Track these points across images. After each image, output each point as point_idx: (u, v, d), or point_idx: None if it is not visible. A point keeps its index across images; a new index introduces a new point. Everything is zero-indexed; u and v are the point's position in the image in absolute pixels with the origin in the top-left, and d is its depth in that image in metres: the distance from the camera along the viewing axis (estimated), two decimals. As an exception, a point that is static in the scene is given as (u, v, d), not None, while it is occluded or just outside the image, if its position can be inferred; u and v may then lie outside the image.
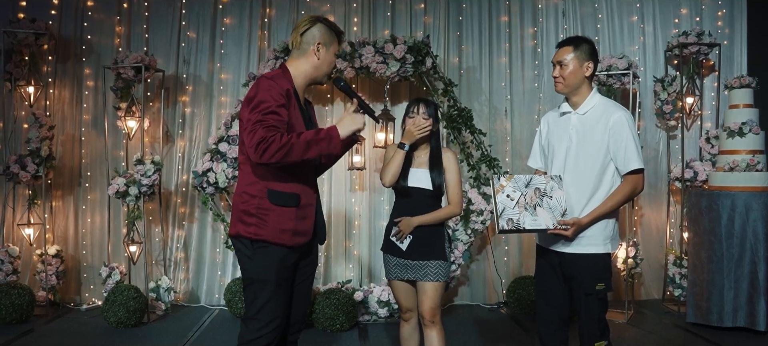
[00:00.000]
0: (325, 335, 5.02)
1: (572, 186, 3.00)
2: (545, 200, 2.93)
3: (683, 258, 5.67)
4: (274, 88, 2.62)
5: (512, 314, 5.62)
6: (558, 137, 3.11)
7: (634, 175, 2.95)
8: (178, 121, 5.97)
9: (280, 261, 2.71)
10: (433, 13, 6.10)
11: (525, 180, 2.96)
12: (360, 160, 5.62)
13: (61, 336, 4.89)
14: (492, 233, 5.96)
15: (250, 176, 2.72)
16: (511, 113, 6.12)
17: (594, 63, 3.03)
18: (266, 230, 2.68)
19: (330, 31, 2.83)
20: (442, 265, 3.34)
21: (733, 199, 4.90)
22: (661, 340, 4.85)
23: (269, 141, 2.51)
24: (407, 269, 3.37)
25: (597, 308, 2.99)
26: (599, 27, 6.22)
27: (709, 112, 6.17)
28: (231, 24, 6.02)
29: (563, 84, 3.04)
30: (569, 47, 3.03)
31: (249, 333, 2.69)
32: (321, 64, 2.82)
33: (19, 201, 5.74)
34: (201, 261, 5.96)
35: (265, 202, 2.69)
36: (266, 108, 2.58)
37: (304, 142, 2.57)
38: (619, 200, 2.96)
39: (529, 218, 2.91)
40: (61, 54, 5.90)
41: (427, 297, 3.33)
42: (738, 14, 6.25)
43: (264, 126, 2.55)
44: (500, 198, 2.92)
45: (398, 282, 3.43)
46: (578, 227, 2.93)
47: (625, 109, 3.02)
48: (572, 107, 3.08)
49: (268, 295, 2.69)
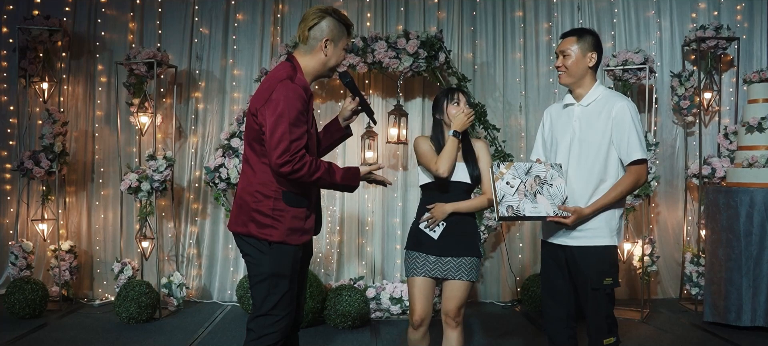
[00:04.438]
0: (336, 331, 4.99)
1: (576, 177, 2.98)
2: (545, 188, 2.91)
3: (700, 256, 5.59)
4: (300, 94, 2.60)
5: (526, 312, 5.56)
6: (561, 129, 3.10)
7: (637, 165, 2.92)
8: (191, 117, 5.98)
9: (293, 257, 2.72)
10: (446, 7, 6.05)
11: (525, 168, 2.94)
12: (372, 156, 5.59)
13: (74, 331, 4.90)
14: (506, 229, 5.91)
15: (262, 176, 2.69)
16: (525, 109, 6.06)
17: (598, 54, 3.03)
18: (281, 231, 2.68)
19: (339, 25, 2.77)
20: (475, 262, 3.23)
21: (751, 195, 4.81)
22: (678, 339, 4.77)
23: (300, 163, 2.56)
24: (437, 266, 3.20)
25: (605, 303, 2.96)
26: (615, 22, 6.14)
27: (728, 108, 6.08)
28: (244, 20, 6.01)
29: (566, 74, 3.04)
30: (573, 37, 3.04)
31: (262, 328, 2.69)
32: (328, 60, 2.77)
33: (33, 197, 5.77)
34: (213, 257, 5.96)
35: (280, 203, 2.68)
36: (293, 119, 2.56)
37: (330, 182, 2.71)
38: (622, 190, 2.94)
39: (529, 205, 2.89)
40: (74, 50, 5.93)
41: (454, 296, 3.19)
42: (758, 7, 6.14)
43: (293, 139, 2.55)
44: (500, 185, 2.90)
45: (421, 280, 3.21)
46: (579, 215, 2.90)
47: (628, 99, 3.01)
48: (576, 99, 3.08)
49: (284, 290, 2.70)
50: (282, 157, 2.54)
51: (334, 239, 5.89)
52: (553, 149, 3.13)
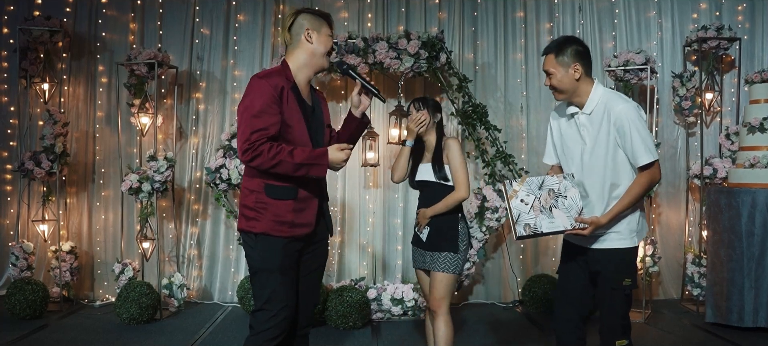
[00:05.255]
0: (337, 332, 4.98)
1: (591, 187, 2.94)
2: (560, 201, 2.87)
3: (702, 257, 5.58)
4: (264, 88, 2.69)
5: (527, 313, 5.55)
6: (572, 140, 3.05)
7: (647, 168, 2.88)
8: (192, 117, 5.97)
9: (282, 250, 2.75)
10: (447, 8, 6.04)
11: (538, 182, 2.89)
12: (374, 156, 5.58)
13: (75, 332, 4.90)
14: (507, 230, 5.90)
15: (250, 171, 2.81)
16: (526, 110, 6.05)
17: (582, 63, 2.92)
18: (264, 222, 2.75)
19: (316, 16, 2.87)
20: (451, 256, 3.43)
21: (753, 196, 4.80)
22: (680, 340, 4.76)
23: (257, 150, 2.64)
24: (424, 259, 3.53)
25: (622, 303, 2.94)
26: (616, 22, 6.13)
27: (729, 109, 6.07)
28: (244, 20, 6.01)
29: (558, 92, 2.97)
30: (551, 56, 2.94)
31: (260, 324, 2.74)
32: (316, 47, 2.85)
33: (34, 197, 5.76)
34: (214, 258, 5.96)
35: (262, 196, 2.76)
36: (255, 111, 2.66)
37: (293, 165, 2.68)
38: (636, 194, 2.89)
39: (546, 220, 2.85)
40: (75, 51, 5.93)
41: (433, 287, 3.46)
42: (759, 8, 6.13)
43: (253, 130, 2.64)
44: (514, 203, 2.85)
45: (419, 271, 3.63)
46: (596, 225, 2.87)
47: (627, 100, 2.91)
48: (578, 107, 3.00)
49: (275, 283, 2.74)
50: (242, 146, 2.66)
51: (335, 240, 5.88)
52: (566, 161, 3.08)
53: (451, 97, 5.54)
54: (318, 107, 2.96)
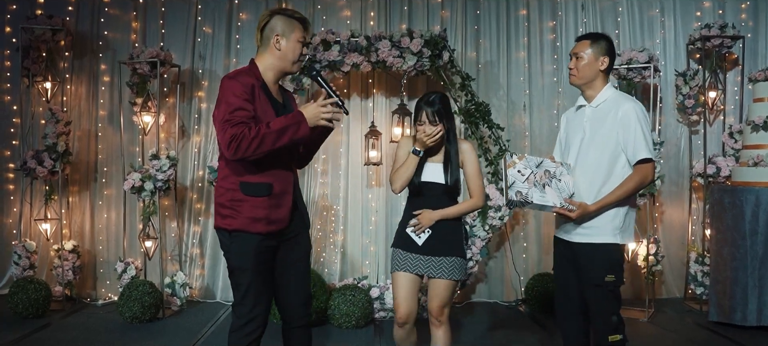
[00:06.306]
0: (340, 332, 4.98)
1: (583, 176, 3.06)
2: (554, 182, 3.02)
3: (705, 256, 5.57)
4: (235, 86, 2.71)
5: (530, 312, 5.54)
6: (573, 130, 3.19)
7: (643, 165, 2.98)
8: (194, 116, 5.97)
9: (256, 248, 2.79)
10: (450, 6, 6.03)
11: (536, 161, 3.06)
12: (376, 155, 5.58)
13: (77, 331, 4.90)
14: (510, 229, 5.89)
15: (223, 171, 2.84)
16: (529, 108, 6.04)
17: (610, 59, 3.12)
18: (239, 220, 2.77)
19: (289, 20, 2.86)
20: (459, 262, 3.23)
21: (757, 195, 4.79)
22: (683, 339, 4.75)
23: (240, 137, 2.63)
24: (419, 263, 3.22)
25: (608, 301, 3.01)
26: (619, 20, 6.11)
27: (733, 107, 6.05)
28: (247, 19, 5.99)
29: (577, 76, 3.12)
30: (587, 41, 3.13)
31: (238, 319, 2.82)
32: (284, 54, 2.86)
33: (36, 196, 5.76)
34: (216, 257, 5.95)
35: (237, 193, 2.78)
36: (231, 106, 2.68)
37: (274, 132, 2.66)
38: (627, 189, 2.99)
39: (538, 193, 2.97)
40: (77, 50, 5.92)
41: (437, 295, 3.22)
42: (762, 6, 6.11)
43: (232, 124, 2.66)
44: (511, 172, 2.98)
45: (405, 276, 3.23)
46: (584, 211, 2.97)
47: (636, 100, 3.09)
48: (587, 100, 3.16)
49: (249, 280, 2.79)
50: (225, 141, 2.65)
51: (337, 239, 5.88)
52: (566, 150, 3.21)
53: (454, 95, 5.52)
54: (288, 104, 2.99)
